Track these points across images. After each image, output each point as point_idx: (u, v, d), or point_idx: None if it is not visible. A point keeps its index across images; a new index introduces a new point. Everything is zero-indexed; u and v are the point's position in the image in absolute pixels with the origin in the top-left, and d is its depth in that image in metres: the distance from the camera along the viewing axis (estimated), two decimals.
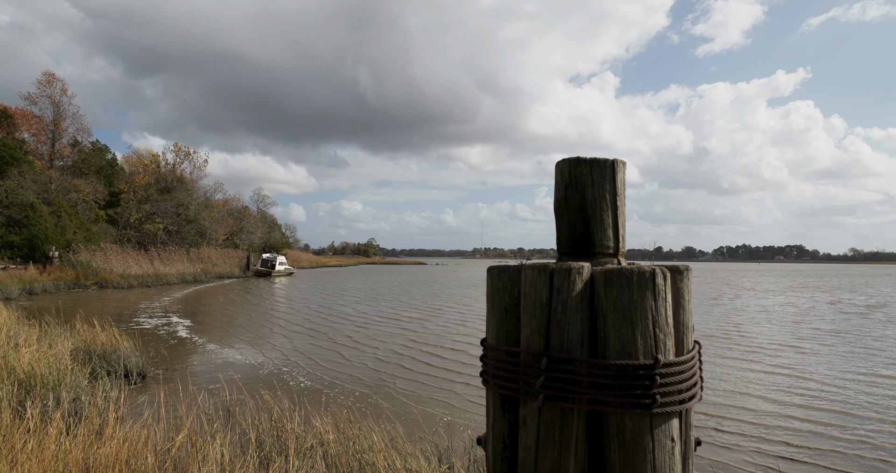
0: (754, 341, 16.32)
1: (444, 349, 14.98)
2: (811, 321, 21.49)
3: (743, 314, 23.85)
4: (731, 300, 31.91)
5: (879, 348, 15.16)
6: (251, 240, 74.68)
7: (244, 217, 76.36)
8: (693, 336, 1.62)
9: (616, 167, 1.69)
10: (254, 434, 4.60)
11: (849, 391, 10.44)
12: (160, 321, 20.13)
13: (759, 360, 13.35)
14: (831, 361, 13.33)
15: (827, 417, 8.82)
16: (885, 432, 8.04)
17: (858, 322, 21.25)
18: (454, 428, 7.62)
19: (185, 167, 63.39)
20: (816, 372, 12.00)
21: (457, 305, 28.01)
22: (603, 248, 1.67)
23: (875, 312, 25.38)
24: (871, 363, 12.97)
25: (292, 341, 16.12)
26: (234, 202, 76.01)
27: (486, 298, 1.74)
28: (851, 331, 18.59)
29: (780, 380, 11.32)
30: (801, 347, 15.31)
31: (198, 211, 58.73)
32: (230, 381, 10.26)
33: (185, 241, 55.10)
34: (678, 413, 1.52)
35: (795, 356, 14.05)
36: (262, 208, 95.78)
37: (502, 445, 1.64)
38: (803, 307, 28.10)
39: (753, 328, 19.17)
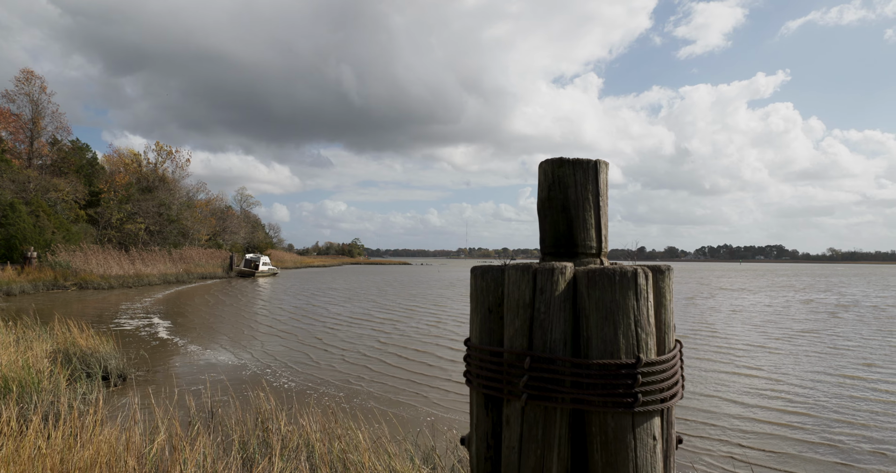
0: (724, 341, 16.41)
1: (429, 348, 14.97)
2: (781, 321, 21.72)
3: (715, 314, 24.02)
4: (706, 299, 32.21)
5: (846, 347, 15.30)
6: (234, 240, 74.07)
7: (227, 217, 75.70)
8: (674, 335, 1.64)
9: (599, 168, 1.70)
10: (237, 435, 4.56)
11: (814, 391, 10.48)
12: (141, 322, 19.89)
13: (727, 361, 13.35)
14: (798, 361, 13.39)
15: (789, 418, 8.83)
16: (847, 433, 8.07)
17: (828, 322, 21.48)
18: (438, 428, 7.61)
19: (168, 167, 62.71)
20: (782, 372, 12.03)
21: (441, 305, 28.00)
22: (586, 248, 1.68)
23: (845, 311, 25.70)
24: (838, 364, 13.02)
25: (276, 341, 16.02)
26: (217, 202, 75.34)
27: (469, 298, 1.74)
28: (821, 330, 18.77)
29: (744, 381, 11.29)
30: (769, 346, 15.40)
31: (180, 211, 58.14)
32: (213, 382, 10.17)
33: (168, 241, 54.51)
34: (660, 412, 1.53)
35: (763, 355, 14.10)
36: (246, 208, 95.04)
37: (486, 445, 1.65)
38: (775, 306, 28.45)
39: (724, 328, 19.28)
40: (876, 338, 17.17)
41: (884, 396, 10.22)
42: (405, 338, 16.80)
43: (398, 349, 14.94)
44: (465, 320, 20.65)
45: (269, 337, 16.80)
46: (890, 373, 12.10)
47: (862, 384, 11.14)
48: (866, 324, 20.92)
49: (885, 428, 8.31)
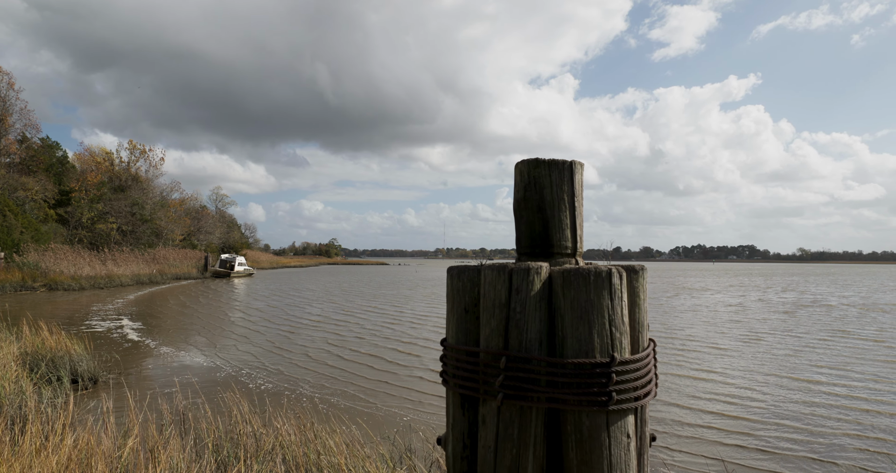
0: (679, 341, 16.44)
1: (406, 349, 14.94)
2: (739, 320, 22.03)
3: (675, 314, 24.26)
4: (669, 298, 32.60)
5: (797, 347, 15.48)
6: (209, 240, 73.08)
7: (202, 217, 74.64)
8: (648, 334, 1.66)
9: (574, 169, 1.71)
10: (211, 438, 4.50)
11: (761, 391, 10.47)
12: (113, 323, 19.52)
13: (679, 362, 13.27)
14: (749, 360, 13.43)
15: (733, 423, 8.71)
16: (784, 438, 8.10)
17: (784, 321, 21.79)
18: (415, 429, 7.60)
19: (141, 165, 61.64)
20: (732, 373, 12.00)
21: (420, 304, 27.96)
22: (561, 248, 1.69)
23: (801, 311, 26.14)
24: (786, 364, 13.02)
25: (251, 342, 15.85)
26: (191, 202, 74.26)
27: (445, 298, 1.74)
28: (775, 330, 18.95)
29: (692, 383, 11.16)
30: (722, 346, 15.48)
31: (153, 211, 57.19)
32: (186, 384, 10.02)
33: (141, 241, 53.57)
34: (633, 410, 1.55)
35: (715, 355, 14.09)
36: (221, 208, 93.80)
37: (462, 444, 1.64)
38: (735, 305, 28.90)
39: (682, 328, 19.41)
40: (823, 335, 17.57)
41: (822, 396, 10.47)
42: (381, 338, 16.75)
43: (374, 349, 14.88)
44: (442, 320, 20.65)
45: (244, 338, 16.62)
46: (826, 369, 12.38)
47: (802, 384, 11.35)
48: (819, 322, 21.41)
49: (823, 430, 8.51)
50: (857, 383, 11.12)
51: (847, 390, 10.37)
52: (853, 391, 10.17)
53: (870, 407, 9.21)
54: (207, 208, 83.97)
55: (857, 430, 8.11)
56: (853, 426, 8.21)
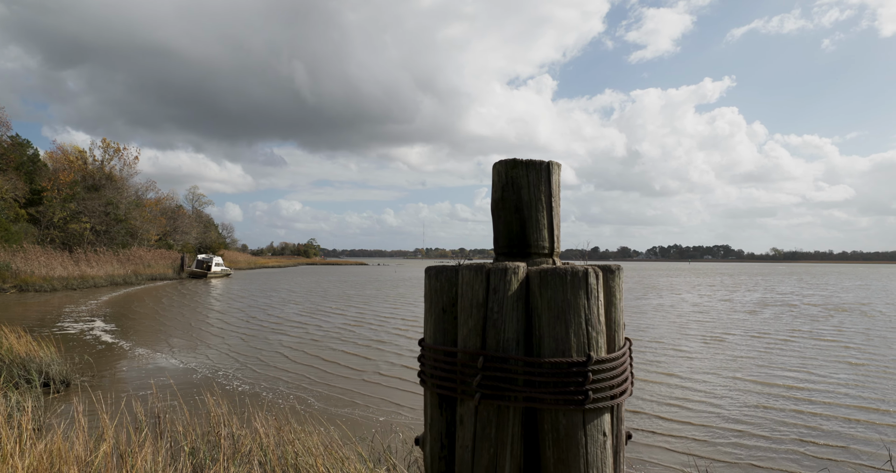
0: (638, 341, 16.43)
1: (384, 349, 14.90)
2: (700, 319, 22.27)
3: (639, 314, 24.42)
4: (637, 299, 32.89)
5: (756, 347, 15.58)
6: (186, 240, 72.08)
7: (178, 217, 73.58)
8: (624, 333, 1.67)
9: (551, 169, 1.72)
10: (186, 440, 4.44)
11: (714, 394, 10.32)
12: (86, 325, 19.16)
13: (635, 365, 13.10)
14: (704, 360, 13.34)
15: (677, 428, 8.54)
16: (732, 442, 8.24)
17: (745, 320, 21.98)
18: (393, 429, 7.59)
19: (115, 164, 60.56)
20: (691, 374, 11.92)
21: (396, 304, 27.91)
22: (538, 248, 1.70)
23: (764, 310, 26.45)
24: (742, 365, 12.94)
25: (227, 343, 15.68)
26: (167, 201, 73.14)
27: (423, 298, 1.74)
28: (735, 330, 18.96)
29: (648, 386, 10.95)
30: (681, 346, 15.48)
31: (128, 210, 56.24)
32: (162, 386, 9.88)
33: (115, 241, 52.65)
34: (610, 408, 1.56)
35: (672, 355, 14.00)
36: (198, 208, 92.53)
37: (440, 444, 1.65)
38: (700, 304, 29.27)
39: (644, 328, 19.49)
40: (783, 336, 17.93)
41: (776, 400, 10.67)
42: (360, 339, 16.68)
43: (353, 349, 14.82)
44: (420, 320, 20.58)
45: (221, 339, 16.43)
46: (779, 370, 12.59)
47: (757, 385, 11.53)
48: (781, 320, 21.83)
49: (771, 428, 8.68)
50: (812, 384, 11.34)
51: (807, 393, 10.47)
52: (812, 394, 10.31)
53: (822, 411, 9.38)
54: (184, 208, 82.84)
55: (806, 434, 8.24)
56: (800, 430, 8.31)
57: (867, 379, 11.36)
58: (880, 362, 13.13)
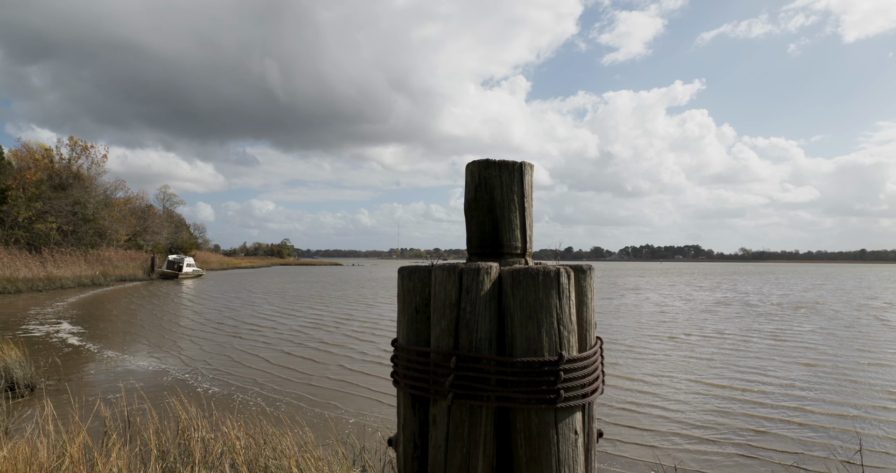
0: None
1: (356, 349, 14.83)
2: (660, 319, 22.42)
3: (600, 314, 24.58)
4: (601, 300, 33.20)
5: (710, 346, 15.69)
6: (156, 241, 70.80)
7: (149, 217, 72.24)
8: (595, 332, 1.69)
9: (524, 170, 1.74)
10: (156, 444, 4.36)
11: (668, 393, 10.36)
12: (52, 327, 18.70)
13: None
14: (658, 362, 13.19)
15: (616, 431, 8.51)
16: (684, 448, 8.50)
17: (705, 320, 22.19)
18: (367, 430, 7.56)
19: (82, 163, 59.19)
20: (639, 374, 11.90)
21: (373, 304, 27.80)
22: (511, 248, 1.71)
23: (723, 309, 26.82)
24: (696, 365, 12.91)
25: (198, 345, 15.44)
26: (137, 201, 71.76)
27: (396, 299, 1.74)
28: (691, 330, 19.02)
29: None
30: (637, 347, 15.46)
31: (96, 210, 55.02)
32: (131, 390, 9.70)
33: (83, 242, 51.46)
34: (581, 407, 1.58)
35: (626, 356, 13.97)
36: (169, 207, 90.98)
37: (413, 445, 1.65)
38: (661, 303, 29.62)
39: (602, 328, 19.43)
40: (738, 334, 18.32)
41: (725, 402, 10.90)
42: (332, 339, 16.58)
43: (326, 350, 14.72)
44: (393, 321, 20.48)
45: (192, 341, 16.18)
46: (734, 369, 12.83)
47: (705, 386, 11.77)
48: (739, 319, 22.27)
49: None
50: (764, 384, 11.56)
51: (756, 395, 10.52)
52: (766, 397, 10.43)
53: (768, 414, 9.57)
54: (154, 208, 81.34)
55: (756, 436, 8.42)
56: (749, 432, 8.45)
57: (818, 379, 11.50)
58: (832, 362, 13.37)
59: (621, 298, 33.31)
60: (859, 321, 21.59)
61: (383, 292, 37.66)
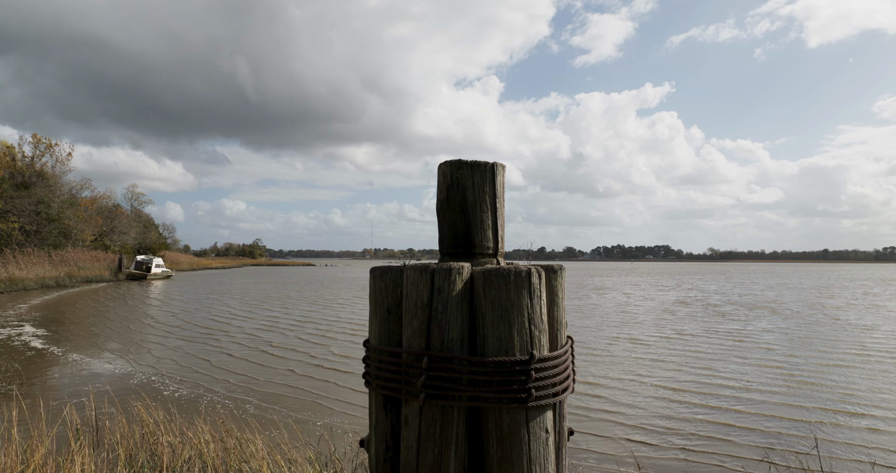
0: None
1: (327, 350, 14.72)
2: (620, 319, 22.54)
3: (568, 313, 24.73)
4: (569, 300, 33.49)
5: (667, 347, 15.83)
6: (124, 241, 69.27)
7: (116, 216, 70.63)
8: (566, 332, 1.71)
9: (496, 170, 1.75)
10: (123, 449, 4.27)
11: (622, 398, 10.22)
12: (14, 330, 18.18)
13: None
14: (613, 365, 13.05)
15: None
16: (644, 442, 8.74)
17: (663, 319, 22.38)
18: (338, 432, 7.52)
19: (46, 161, 57.65)
20: (588, 376, 11.81)
21: (345, 305, 27.63)
22: (483, 248, 1.72)
23: (683, 309, 27.13)
24: (652, 367, 12.88)
25: (166, 347, 15.17)
26: (104, 200, 70.09)
27: (368, 299, 1.73)
28: (650, 330, 19.05)
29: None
30: (595, 348, 15.35)
31: (61, 209, 53.66)
32: (97, 393, 9.47)
33: (46, 242, 50.13)
34: (552, 406, 1.59)
35: (583, 358, 13.91)
36: (137, 207, 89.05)
37: (385, 446, 1.64)
38: (623, 303, 29.91)
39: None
40: (696, 333, 18.70)
41: (678, 406, 11.14)
42: (302, 341, 16.44)
43: (297, 352, 14.59)
44: (365, 321, 20.35)
45: (160, 343, 15.89)
46: (688, 368, 13.13)
47: (660, 388, 12.07)
48: (698, 320, 22.73)
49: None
50: (718, 386, 11.80)
51: (709, 398, 10.57)
52: (715, 401, 10.46)
53: (716, 418, 9.75)
54: (122, 207, 79.58)
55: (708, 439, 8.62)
56: (703, 435, 8.64)
57: (771, 380, 11.68)
58: (787, 362, 13.60)
59: (584, 298, 33.45)
60: (815, 320, 22.11)
61: (361, 293, 37.47)
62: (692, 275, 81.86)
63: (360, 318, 22.39)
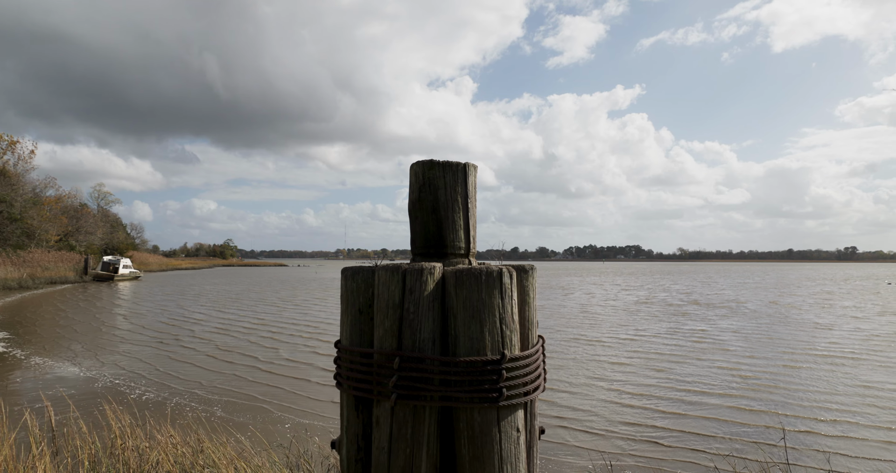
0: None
1: (298, 352, 14.59)
2: (579, 319, 22.69)
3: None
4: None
5: (625, 348, 16.01)
6: (90, 241, 67.62)
7: (82, 216, 68.92)
8: (537, 331, 1.72)
9: (468, 171, 1.75)
10: (86, 454, 4.17)
11: (582, 403, 10.09)
12: None
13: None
14: (569, 369, 12.84)
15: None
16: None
17: (623, 322, 22.52)
18: (309, 434, 7.45)
19: (8, 159, 56.03)
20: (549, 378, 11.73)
21: (314, 306, 27.40)
22: (455, 249, 1.72)
23: (645, 309, 27.43)
24: (608, 370, 12.86)
25: (132, 350, 14.87)
26: (69, 199, 68.38)
27: (339, 299, 1.71)
28: (610, 331, 19.16)
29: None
30: (553, 351, 15.03)
31: (24, 209, 52.19)
32: (61, 398, 9.24)
33: (8, 242, 48.72)
34: (523, 405, 1.60)
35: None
36: (104, 206, 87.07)
37: (356, 447, 1.63)
38: (585, 305, 30.08)
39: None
40: (655, 332, 19.03)
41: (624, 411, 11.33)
42: (271, 342, 16.26)
43: (265, 354, 14.42)
44: (336, 321, 20.17)
45: (126, 346, 15.56)
46: (638, 371, 13.35)
47: (604, 390, 12.27)
48: (657, 318, 23.14)
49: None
50: (676, 387, 11.95)
51: (671, 403, 10.81)
52: (670, 405, 10.55)
53: (670, 426, 9.87)
54: (88, 207, 77.76)
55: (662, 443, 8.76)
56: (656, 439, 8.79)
57: (728, 380, 11.87)
58: (744, 360, 13.85)
59: (548, 299, 33.46)
60: (774, 320, 22.59)
61: (335, 293, 37.19)
62: (660, 275, 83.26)
63: (333, 318, 22.23)
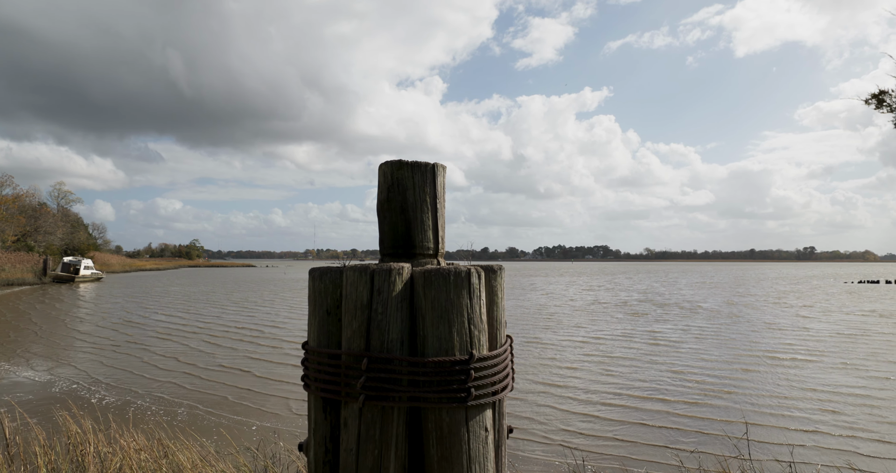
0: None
1: (264, 354, 14.41)
2: (537, 320, 22.84)
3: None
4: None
5: (580, 350, 16.01)
6: (49, 241, 65.68)
7: (41, 216, 66.87)
8: (505, 331, 1.73)
9: (436, 171, 1.75)
10: (45, 461, 4.05)
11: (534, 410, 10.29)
12: None
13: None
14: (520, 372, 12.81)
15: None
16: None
17: (580, 321, 22.75)
18: (273, 437, 7.36)
19: None
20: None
21: (280, 308, 27.11)
22: (423, 249, 1.72)
23: (603, 310, 27.69)
24: (561, 372, 12.96)
25: (93, 353, 14.49)
26: (27, 198, 66.29)
27: (307, 300, 1.70)
28: (567, 332, 19.28)
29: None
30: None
31: None
32: (17, 403, 8.95)
33: None
34: (492, 404, 1.61)
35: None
36: (64, 206, 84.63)
37: (324, 449, 1.62)
38: (543, 305, 30.42)
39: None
40: (610, 333, 19.41)
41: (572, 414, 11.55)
42: (237, 344, 16.03)
43: (230, 356, 14.21)
44: (303, 323, 19.96)
45: (86, 349, 15.16)
46: (594, 375, 13.59)
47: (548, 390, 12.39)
48: (613, 319, 23.59)
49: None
50: (631, 389, 12.17)
51: (631, 400, 10.80)
52: (624, 412, 10.30)
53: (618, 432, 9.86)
54: (47, 206, 75.45)
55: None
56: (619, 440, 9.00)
57: (681, 382, 11.94)
58: (698, 360, 14.13)
59: (511, 300, 33.67)
60: (731, 320, 23.10)
61: (304, 293, 36.80)
62: (625, 274, 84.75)
63: (302, 318, 22.01)
